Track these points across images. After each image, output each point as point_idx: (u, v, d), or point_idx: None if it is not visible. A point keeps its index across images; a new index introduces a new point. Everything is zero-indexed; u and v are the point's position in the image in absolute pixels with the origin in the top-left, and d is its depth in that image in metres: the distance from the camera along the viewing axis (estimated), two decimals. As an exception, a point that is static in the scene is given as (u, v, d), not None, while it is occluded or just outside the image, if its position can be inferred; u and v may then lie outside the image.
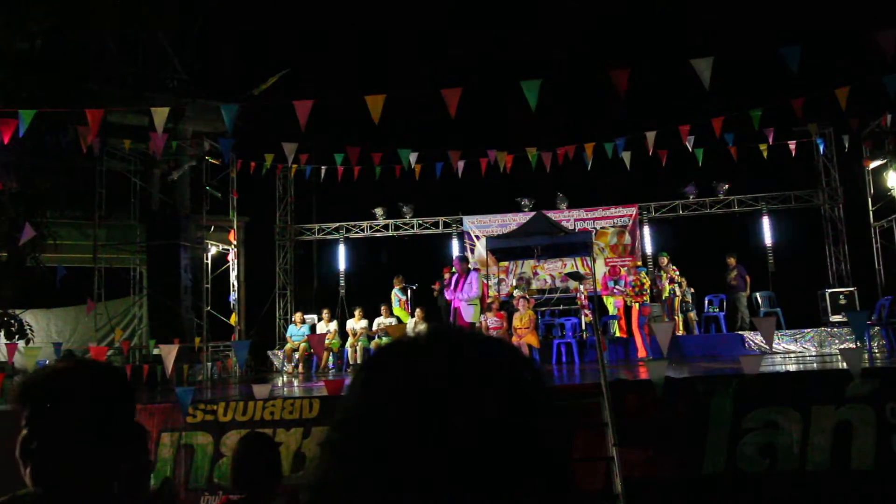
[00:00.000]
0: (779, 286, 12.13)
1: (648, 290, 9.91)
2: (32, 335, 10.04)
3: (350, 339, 11.07)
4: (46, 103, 8.13)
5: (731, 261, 11.33)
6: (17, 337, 9.61)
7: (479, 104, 9.88)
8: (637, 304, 9.65)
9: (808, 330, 10.30)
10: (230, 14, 13.14)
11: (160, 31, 11.42)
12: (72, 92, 9.68)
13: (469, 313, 8.24)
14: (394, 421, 0.52)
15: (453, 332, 0.60)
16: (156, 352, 8.96)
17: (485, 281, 11.58)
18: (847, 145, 11.49)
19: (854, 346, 8.04)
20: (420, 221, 14.13)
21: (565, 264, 13.03)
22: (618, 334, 10.95)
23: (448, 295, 8.64)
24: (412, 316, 11.25)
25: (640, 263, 10.55)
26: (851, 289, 11.34)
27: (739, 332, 10.50)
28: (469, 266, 8.64)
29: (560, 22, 15.16)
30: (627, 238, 13.42)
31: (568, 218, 13.38)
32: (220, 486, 5.75)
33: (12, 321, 9.72)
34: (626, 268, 10.31)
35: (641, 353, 9.55)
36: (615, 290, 10.69)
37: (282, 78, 12.20)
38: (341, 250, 14.28)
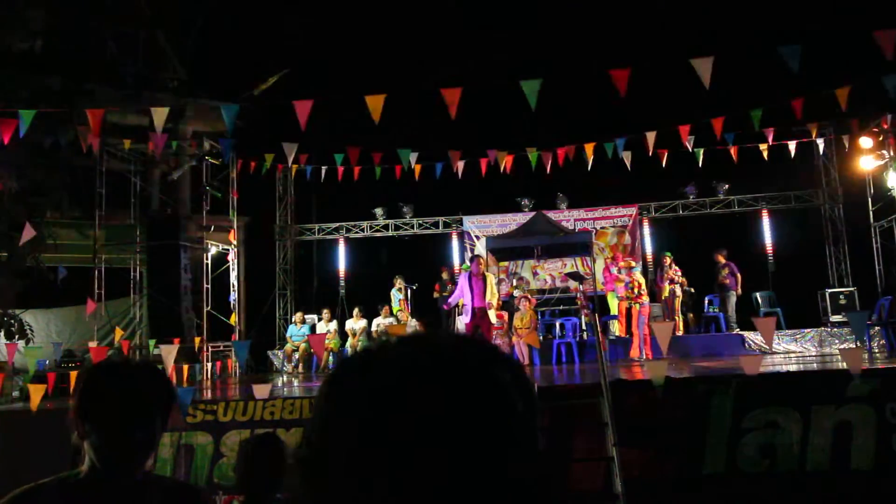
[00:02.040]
0: (779, 286, 12.13)
1: (647, 290, 9.85)
2: (32, 335, 10.03)
3: (350, 339, 11.07)
4: (46, 103, 8.13)
5: (721, 258, 11.10)
6: (17, 337, 9.60)
7: (479, 104, 9.88)
8: (637, 305, 9.60)
9: (808, 330, 10.30)
10: (230, 14, 13.14)
11: (160, 31, 11.41)
12: (72, 92, 9.68)
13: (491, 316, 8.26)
14: (359, 433, 0.51)
15: (425, 335, 0.58)
16: (156, 352, 8.95)
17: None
18: (847, 145, 11.49)
19: (854, 346, 8.04)
20: (420, 221, 14.13)
21: (565, 264, 13.02)
22: (618, 334, 10.95)
23: (455, 296, 8.56)
24: (412, 316, 11.25)
25: (632, 264, 10.45)
26: (851, 289, 11.34)
27: (739, 333, 10.49)
28: (484, 269, 8.59)
29: (560, 22, 15.16)
30: (627, 238, 13.42)
31: (568, 218, 13.38)
32: (221, 486, 5.75)
33: (12, 321, 9.71)
34: (623, 266, 10.27)
35: (635, 353, 9.45)
36: (618, 277, 10.71)
37: (282, 78, 12.20)
38: (341, 250, 14.28)
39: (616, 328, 11.07)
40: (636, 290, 9.56)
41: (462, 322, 8.69)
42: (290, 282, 14.31)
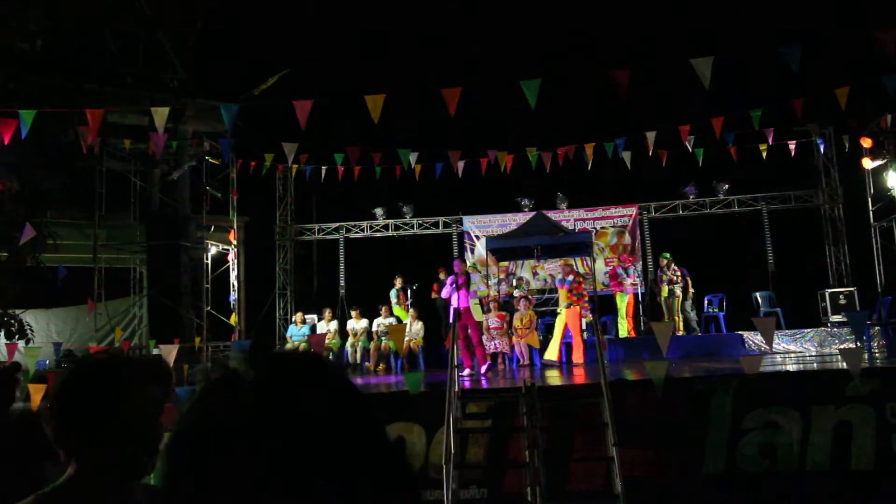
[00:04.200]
0: (779, 286, 12.13)
1: (587, 293, 9.70)
2: (32, 335, 10.03)
3: (350, 339, 11.06)
4: (46, 103, 8.13)
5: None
6: (17, 337, 9.61)
7: (479, 104, 9.89)
8: (579, 308, 9.38)
9: (808, 330, 10.29)
10: (230, 14, 13.14)
11: (160, 31, 11.41)
12: (72, 92, 9.68)
13: (476, 313, 8.30)
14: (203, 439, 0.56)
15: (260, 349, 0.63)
16: (156, 352, 8.95)
17: (484, 279, 11.59)
18: (847, 145, 11.49)
19: (854, 346, 8.03)
20: (420, 221, 14.13)
21: (565, 264, 13.01)
22: (620, 334, 10.95)
23: (445, 294, 8.60)
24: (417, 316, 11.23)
25: (569, 262, 10.22)
26: (851, 289, 11.33)
27: (739, 333, 10.48)
28: (466, 268, 8.64)
29: (560, 22, 15.15)
30: (627, 238, 13.42)
31: (568, 218, 13.37)
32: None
33: (12, 321, 9.72)
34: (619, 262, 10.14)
35: (579, 357, 9.32)
36: (626, 276, 10.72)
37: (282, 78, 12.20)
38: (341, 250, 14.28)
39: (623, 328, 11.02)
40: (577, 292, 9.47)
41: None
42: (290, 282, 14.30)
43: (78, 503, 1.20)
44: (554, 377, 8.00)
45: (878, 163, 11.02)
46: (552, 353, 9.51)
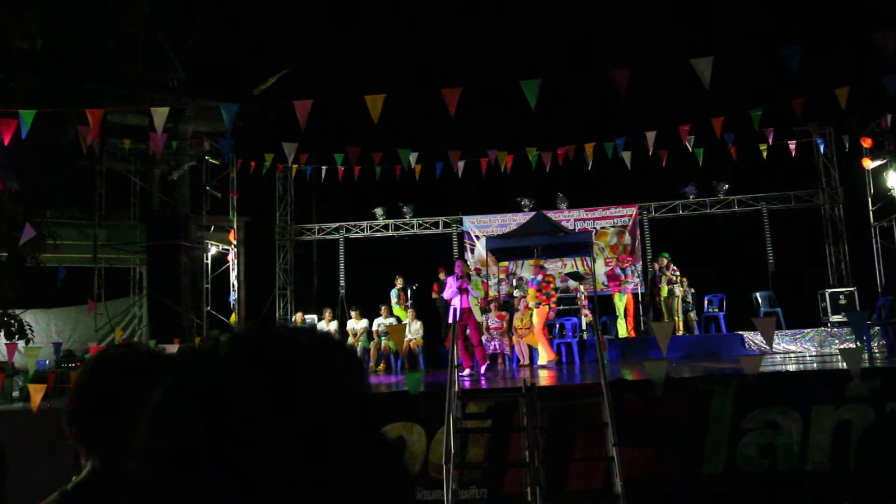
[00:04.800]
0: (779, 286, 12.13)
1: (556, 292, 9.62)
2: (32, 335, 10.03)
3: (350, 339, 11.07)
4: (46, 103, 8.13)
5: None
6: (17, 337, 9.61)
7: (479, 104, 9.88)
8: (546, 307, 9.28)
9: (808, 330, 10.30)
10: (230, 14, 13.13)
11: (160, 31, 11.41)
12: (72, 92, 9.68)
13: (476, 313, 8.34)
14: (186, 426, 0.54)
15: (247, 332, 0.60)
16: (156, 352, 8.95)
17: (484, 280, 11.58)
18: (847, 145, 11.49)
19: (854, 346, 8.03)
20: (420, 221, 14.12)
21: (565, 264, 13.01)
22: (621, 334, 10.95)
23: (448, 296, 8.61)
24: (417, 317, 11.23)
25: (541, 263, 10.16)
26: (851, 289, 11.33)
27: (739, 333, 10.48)
28: (468, 270, 8.66)
29: (560, 22, 15.15)
30: (627, 238, 13.42)
31: (568, 218, 13.37)
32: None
33: (12, 321, 9.72)
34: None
35: (551, 356, 9.18)
36: (625, 276, 10.72)
37: (282, 78, 12.20)
38: (341, 250, 14.28)
39: (622, 328, 11.02)
40: (546, 290, 9.42)
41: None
42: (290, 282, 14.30)
43: (102, 497, 1.17)
44: (553, 377, 8.00)
45: (878, 163, 11.02)
46: (545, 357, 9.49)
